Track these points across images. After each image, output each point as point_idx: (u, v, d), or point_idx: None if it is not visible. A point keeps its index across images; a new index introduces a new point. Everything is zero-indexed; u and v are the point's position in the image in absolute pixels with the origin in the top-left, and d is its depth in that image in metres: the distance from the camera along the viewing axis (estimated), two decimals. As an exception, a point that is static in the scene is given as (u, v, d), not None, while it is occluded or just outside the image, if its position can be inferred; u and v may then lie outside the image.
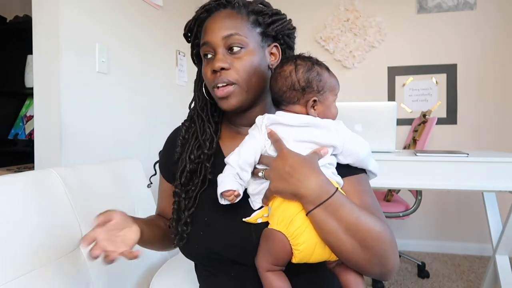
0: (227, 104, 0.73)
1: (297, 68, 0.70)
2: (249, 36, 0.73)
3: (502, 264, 1.75)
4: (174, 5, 2.26)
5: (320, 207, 0.61)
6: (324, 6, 2.97)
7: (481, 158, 1.44)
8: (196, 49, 0.81)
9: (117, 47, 1.72)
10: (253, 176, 0.69)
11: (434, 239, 2.86)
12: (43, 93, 1.41)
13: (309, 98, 0.69)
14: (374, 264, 0.63)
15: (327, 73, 0.72)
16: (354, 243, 0.61)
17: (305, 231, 0.62)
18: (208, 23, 0.74)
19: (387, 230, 0.64)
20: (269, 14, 0.77)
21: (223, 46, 0.72)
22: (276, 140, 0.67)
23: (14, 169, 1.83)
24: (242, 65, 0.72)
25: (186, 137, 0.80)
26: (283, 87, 0.70)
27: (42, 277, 0.83)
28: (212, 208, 0.71)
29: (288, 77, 0.69)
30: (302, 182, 0.62)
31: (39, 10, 1.40)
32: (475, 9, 2.74)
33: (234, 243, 0.70)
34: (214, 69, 0.71)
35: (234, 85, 0.71)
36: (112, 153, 1.66)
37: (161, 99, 2.15)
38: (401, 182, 1.54)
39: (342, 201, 0.62)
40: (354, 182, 0.72)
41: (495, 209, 1.84)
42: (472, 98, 2.78)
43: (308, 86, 0.69)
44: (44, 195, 0.92)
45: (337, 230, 0.61)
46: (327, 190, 0.62)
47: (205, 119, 0.80)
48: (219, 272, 0.75)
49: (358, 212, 0.62)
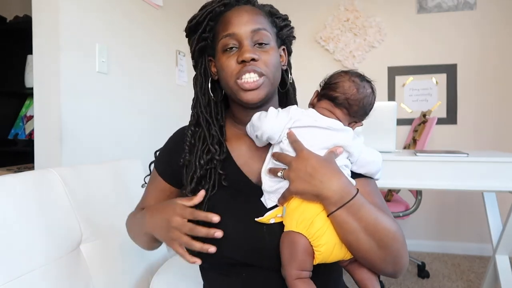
0: (253, 96, 0.71)
1: (374, 94, 0.74)
2: (271, 34, 0.75)
3: (502, 264, 1.75)
4: (174, 5, 2.26)
5: (342, 208, 0.61)
6: (324, 6, 2.97)
7: (481, 158, 1.44)
8: (202, 43, 0.78)
9: (117, 47, 1.72)
10: (270, 174, 0.69)
11: (434, 239, 2.86)
12: (43, 93, 1.41)
13: (358, 119, 0.73)
14: (388, 262, 0.64)
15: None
16: (372, 242, 0.62)
17: (326, 232, 0.62)
18: (231, 16, 0.73)
19: (400, 230, 0.66)
20: (282, 18, 0.80)
21: (250, 38, 0.71)
22: (294, 141, 0.67)
23: (14, 169, 1.83)
24: (269, 58, 0.72)
25: (192, 142, 0.78)
26: (354, 97, 0.71)
27: (42, 277, 0.83)
28: (223, 211, 0.70)
29: (367, 96, 0.72)
30: (325, 184, 0.62)
31: (39, 10, 1.40)
32: (475, 9, 2.74)
33: (246, 245, 0.69)
34: (243, 59, 0.69)
35: (264, 77, 0.71)
36: (112, 153, 1.66)
37: (161, 99, 2.15)
38: (401, 182, 1.54)
39: (363, 201, 0.63)
40: (363, 183, 0.73)
41: (495, 209, 1.84)
42: (472, 98, 2.78)
43: (367, 112, 0.74)
44: (44, 195, 0.92)
45: (357, 230, 0.62)
46: (349, 191, 0.62)
47: (210, 121, 0.78)
48: (231, 273, 0.73)
49: (377, 213, 0.64)
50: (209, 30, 0.77)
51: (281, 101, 0.84)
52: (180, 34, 0.84)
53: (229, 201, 0.73)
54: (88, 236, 1.01)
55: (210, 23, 0.76)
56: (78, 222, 0.99)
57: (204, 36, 0.77)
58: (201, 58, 0.80)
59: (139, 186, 1.37)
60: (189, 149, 0.77)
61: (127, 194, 1.27)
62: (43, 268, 0.84)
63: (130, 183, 1.32)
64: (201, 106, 0.79)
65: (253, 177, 0.75)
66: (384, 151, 1.59)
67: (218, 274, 0.75)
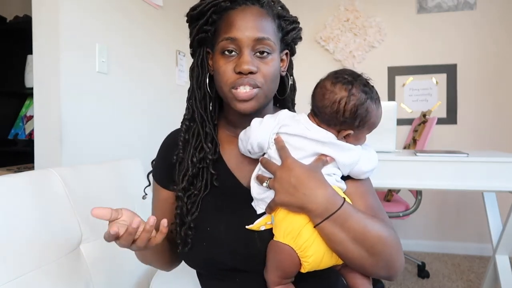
0: (246, 107, 0.68)
1: (350, 98, 0.64)
2: (276, 42, 0.71)
3: (502, 264, 1.75)
4: (174, 5, 2.26)
5: (328, 219, 0.60)
6: (324, 6, 2.97)
7: (481, 158, 1.44)
8: (202, 34, 0.73)
9: (117, 47, 1.72)
10: (258, 181, 0.68)
11: (434, 239, 2.86)
12: (43, 93, 1.41)
13: (346, 129, 0.66)
14: (381, 267, 0.63)
15: (376, 108, 0.67)
16: (362, 250, 0.61)
17: (314, 243, 0.61)
18: (235, 17, 0.68)
19: (392, 233, 0.64)
20: (290, 21, 0.75)
21: (252, 47, 0.67)
22: (281, 147, 0.65)
23: (14, 169, 1.83)
24: (268, 70, 0.68)
25: (186, 137, 0.76)
26: (327, 108, 0.65)
27: (42, 277, 0.83)
28: (214, 216, 0.69)
29: (336, 102, 0.64)
30: (309, 196, 0.60)
31: (39, 10, 1.40)
32: (475, 9, 2.74)
33: (238, 251, 0.68)
34: (241, 71, 0.66)
35: (258, 89, 0.68)
36: (112, 153, 1.66)
37: (161, 99, 2.15)
38: (401, 182, 1.54)
39: (350, 211, 0.62)
40: (357, 183, 0.71)
41: (495, 209, 1.84)
42: (472, 98, 2.78)
43: (351, 121, 0.65)
44: (44, 195, 0.92)
45: (345, 240, 0.61)
46: (334, 203, 0.61)
47: (204, 117, 0.75)
48: (224, 278, 0.73)
49: (365, 220, 0.62)
50: (211, 23, 0.72)
51: (280, 105, 0.83)
52: (180, 34, 0.85)
53: (221, 205, 0.72)
54: (88, 236, 1.01)
55: (213, 17, 0.72)
56: (78, 222, 0.99)
57: (205, 28, 0.73)
58: (200, 48, 0.76)
59: (139, 186, 1.37)
60: (182, 145, 0.75)
61: (127, 194, 1.27)
62: (43, 268, 0.84)
63: (130, 183, 1.32)
64: (196, 100, 0.76)
65: (244, 181, 0.74)
66: (384, 151, 1.59)
67: (213, 279, 0.75)
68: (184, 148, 0.75)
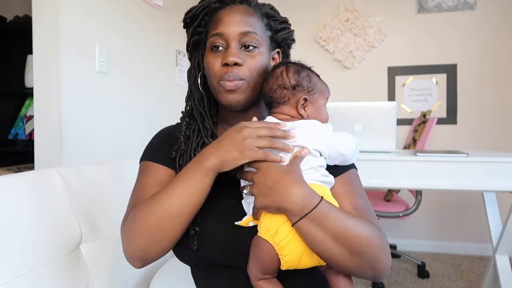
0: (233, 98, 0.71)
1: (288, 68, 0.72)
2: (263, 38, 0.74)
3: (502, 264, 1.75)
4: (174, 5, 2.27)
5: (304, 218, 0.59)
6: (324, 6, 2.97)
7: (481, 158, 1.45)
8: (195, 37, 0.78)
9: (117, 47, 1.72)
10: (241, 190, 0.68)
11: (434, 239, 2.87)
12: (43, 93, 1.41)
13: (300, 97, 0.70)
14: (365, 268, 0.63)
15: (317, 77, 0.74)
16: (342, 250, 0.61)
17: (291, 241, 0.61)
18: (223, 14, 0.73)
19: (376, 233, 0.63)
20: (279, 21, 0.79)
21: (238, 41, 0.71)
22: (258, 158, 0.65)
23: (14, 169, 1.83)
24: (254, 63, 0.72)
25: (188, 133, 0.78)
26: (274, 85, 0.71)
27: (42, 277, 0.83)
28: (205, 213, 0.70)
29: (278, 76, 0.71)
30: (284, 196, 0.60)
31: (39, 10, 1.40)
32: (475, 9, 2.74)
33: (228, 247, 0.69)
34: (226, 62, 0.69)
35: (244, 81, 0.71)
36: (112, 153, 1.66)
37: (161, 99, 2.15)
38: (401, 182, 1.54)
39: (327, 210, 0.61)
40: (344, 181, 0.71)
41: (495, 209, 1.84)
42: (472, 98, 2.78)
43: (298, 85, 0.70)
44: (44, 195, 0.92)
45: (324, 239, 0.60)
46: (310, 201, 0.60)
47: (204, 114, 0.78)
48: (214, 275, 0.74)
49: (345, 220, 0.61)
50: (204, 25, 0.77)
51: None
52: (180, 34, 0.85)
53: (214, 201, 0.72)
54: (88, 236, 1.01)
55: (205, 18, 0.76)
56: (78, 222, 0.99)
57: (198, 31, 0.78)
58: (195, 52, 0.80)
59: (139, 186, 1.37)
60: (184, 140, 0.77)
61: (127, 194, 1.26)
62: (43, 268, 0.84)
63: (130, 183, 1.32)
64: (194, 100, 0.80)
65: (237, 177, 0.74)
66: (384, 151, 1.59)
67: (203, 276, 0.76)
68: (186, 143, 0.77)
